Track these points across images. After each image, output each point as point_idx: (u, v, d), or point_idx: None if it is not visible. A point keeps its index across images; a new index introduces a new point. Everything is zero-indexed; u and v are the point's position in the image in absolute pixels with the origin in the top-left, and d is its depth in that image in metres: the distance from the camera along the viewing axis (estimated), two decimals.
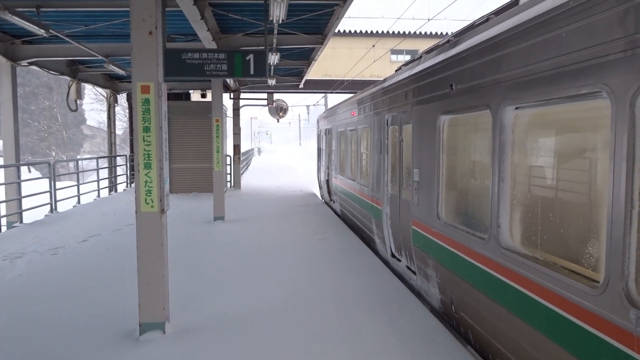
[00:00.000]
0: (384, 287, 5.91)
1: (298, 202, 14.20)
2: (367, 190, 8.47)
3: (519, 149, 3.64)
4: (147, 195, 4.50)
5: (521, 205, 3.60)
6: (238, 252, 7.86)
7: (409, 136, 6.09)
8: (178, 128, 15.55)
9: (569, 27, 2.86)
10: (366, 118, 8.60)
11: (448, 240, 4.75)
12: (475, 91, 4.15)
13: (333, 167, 12.74)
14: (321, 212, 12.30)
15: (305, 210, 12.48)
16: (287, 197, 15.30)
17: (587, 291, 2.70)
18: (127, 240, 8.58)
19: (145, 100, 4.47)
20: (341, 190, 11.47)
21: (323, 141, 14.91)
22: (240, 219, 11.14)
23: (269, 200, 14.48)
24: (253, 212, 12.12)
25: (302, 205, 13.38)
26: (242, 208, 12.81)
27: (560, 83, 2.94)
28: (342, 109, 11.36)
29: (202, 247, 8.26)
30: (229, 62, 7.36)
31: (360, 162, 9.46)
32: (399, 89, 6.53)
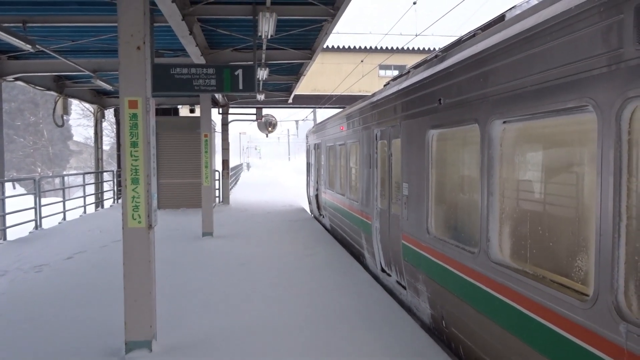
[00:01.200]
0: (374, 302, 5.88)
1: (287, 217, 14.17)
2: (357, 205, 8.46)
3: (507, 163, 3.65)
4: (135, 211, 4.45)
5: (510, 219, 3.60)
6: (227, 268, 7.79)
7: (398, 150, 6.10)
8: (166, 143, 15.52)
9: (554, 42, 2.88)
10: (355, 133, 8.62)
11: (438, 255, 4.74)
12: (463, 105, 4.16)
13: (322, 181, 12.73)
14: (310, 227, 12.27)
15: (294, 226, 12.44)
16: (276, 212, 15.27)
17: (577, 305, 2.70)
18: (114, 256, 8.47)
19: (133, 115, 4.44)
20: (330, 205, 11.44)
21: (312, 156, 14.92)
22: (229, 234, 11.07)
23: (258, 216, 14.43)
24: (242, 228, 12.06)
25: (291, 221, 13.36)
26: (231, 223, 12.74)
27: (547, 97, 2.95)
28: (331, 123, 11.40)
29: (191, 263, 8.18)
30: (217, 77, 7.37)
31: (349, 177, 9.46)
32: (387, 104, 6.56)
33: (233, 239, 10.53)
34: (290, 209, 16.28)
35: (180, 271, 7.65)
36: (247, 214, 14.82)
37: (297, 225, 12.63)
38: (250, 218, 13.93)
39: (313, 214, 15.27)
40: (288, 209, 16.27)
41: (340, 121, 10.06)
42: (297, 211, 15.78)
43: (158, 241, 9.83)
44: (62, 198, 13.32)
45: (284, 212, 15.53)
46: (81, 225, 12.62)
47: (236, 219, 13.76)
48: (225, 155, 17.94)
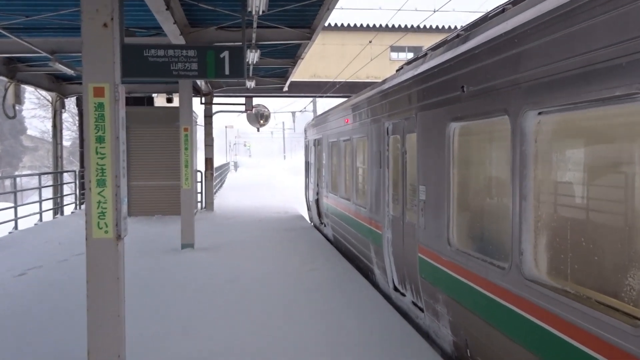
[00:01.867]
0: (386, 327, 5.89)
1: (282, 225, 14.22)
2: (365, 212, 8.49)
3: (543, 162, 3.64)
4: (101, 219, 4.45)
5: (548, 229, 3.58)
6: (210, 287, 7.81)
7: (413, 147, 6.12)
8: (139, 138, 15.59)
9: (601, 18, 2.83)
10: (362, 126, 8.66)
11: (461, 271, 4.74)
12: (490, 94, 4.17)
13: (324, 184, 12.78)
14: (310, 237, 12.31)
15: (290, 236, 12.48)
16: (270, 220, 15.31)
17: (629, 330, 2.68)
18: (75, 273, 8.47)
19: (98, 105, 4.45)
20: (333, 212, 11.48)
21: (312, 153, 14.97)
22: (213, 246, 11.11)
23: (248, 224, 14.47)
24: (229, 239, 12.09)
25: (287, 230, 13.40)
26: (215, 233, 12.79)
27: (593, 83, 2.90)
28: (334, 115, 11.44)
29: (167, 281, 8.21)
30: (199, 61, 7.38)
31: (356, 178, 9.50)
32: (400, 92, 6.58)
33: (218, 251, 10.56)
34: (286, 217, 16.31)
35: (154, 290, 7.65)
36: (234, 222, 14.88)
37: (293, 235, 12.66)
38: (239, 227, 13.97)
39: (313, 222, 15.30)
40: (283, 217, 16.30)
41: (345, 113, 10.09)
42: (293, 219, 15.83)
43: (128, 255, 9.79)
44: (13, 203, 13.31)
45: (279, 219, 15.57)
46: (37, 235, 12.62)
47: (222, 228, 13.79)
48: (209, 153, 17.99)
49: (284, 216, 16.44)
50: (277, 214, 17.05)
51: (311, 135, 15.13)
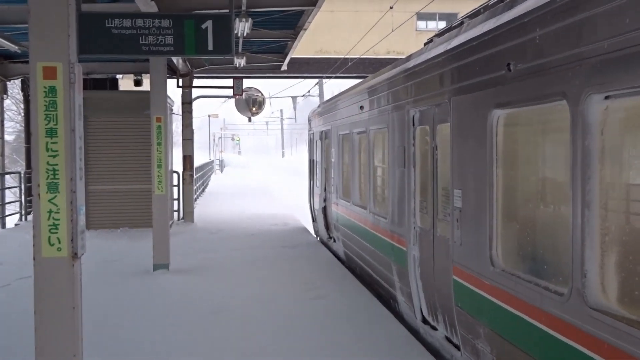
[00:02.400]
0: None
1: (281, 241, 14.29)
2: (385, 223, 8.51)
3: (612, 160, 3.64)
4: (52, 233, 4.47)
5: (618, 244, 3.58)
6: (190, 320, 7.84)
7: (446, 141, 6.13)
8: (99, 131, 15.70)
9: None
10: (381, 115, 8.69)
11: (507, 297, 4.74)
12: (543, 73, 4.19)
13: (333, 188, 12.87)
14: (315, 256, 12.37)
15: (291, 254, 12.53)
16: (265, 235, 15.38)
17: None
18: (20, 302, 8.48)
19: (49, 90, 4.47)
20: (345, 223, 11.54)
21: (317, 149, 15.08)
22: (193, 268, 11.17)
23: (238, 240, 14.55)
24: (213, 258, 12.16)
25: (286, 247, 13.46)
26: (196, 251, 12.88)
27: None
28: (345, 101, 11.51)
29: (136, 312, 8.23)
30: (175, 33, 7.41)
31: (373, 181, 9.57)
32: (429, 72, 6.59)
33: (199, 275, 10.60)
34: (286, 230, 16.38)
35: (120, 324, 7.68)
36: (220, 237, 14.94)
37: (295, 253, 12.70)
38: (226, 243, 14.03)
39: (319, 237, 15.38)
40: (282, 230, 16.37)
41: (359, 98, 10.14)
42: (295, 232, 15.89)
43: (87, 278, 9.78)
44: None
45: (276, 233, 15.64)
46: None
47: (204, 244, 13.86)
48: (188, 149, 18.13)
49: (282, 229, 16.49)
50: (275, 226, 17.10)
51: (317, 127, 15.17)
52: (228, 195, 28.17)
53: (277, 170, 69.57)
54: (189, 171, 18.05)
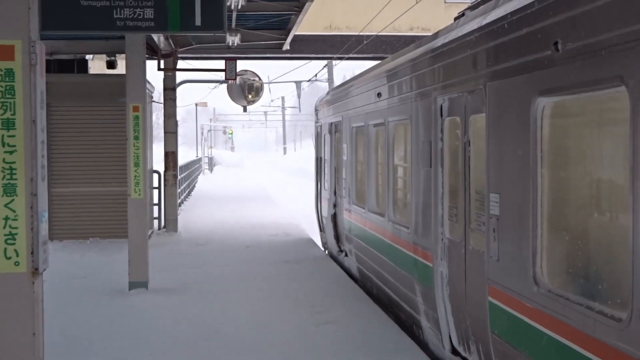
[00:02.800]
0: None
1: (282, 255, 14.30)
2: (407, 234, 8.52)
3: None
4: (9, 243, 4.47)
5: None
6: (174, 348, 7.82)
7: (481, 135, 6.13)
8: (66, 123, 15.74)
9: None
10: (403, 103, 8.70)
11: (554, 323, 4.73)
12: (597, 53, 4.17)
13: (344, 191, 12.90)
14: (323, 272, 12.39)
15: (294, 271, 12.56)
16: (263, 248, 15.40)
17: None
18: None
19: (6, 73, 4.47)
20: (359, 234, 11.56)
21: (326, 145, 15.15)
22: (176, 286, 11.19)
23: (230, 253, 14.58)
24: (200, 275, 12.18)
25: (289, 262, 13.49)
26: (180, 267, 12.90)
27: None
28: (359, 87, 11.54)
29: (108, 339, 8.22)
30: (156, 5, 7.41)
31: (393, 183, 9.60)
32: (460, 52, 6.59)
33: (184, 294, 10.61)
34: (288, 241, 16.40)
35: (89, 353, 7.64)
36: (209, 250, 14.96)
37: (299, 269, 12.73)
38: (216, 257, 14.05)
39: (328, 250, 15.41)
40: (283, 241, 16.37)
41: (377, 83, 10.15)
42: (299, 244, 15.92)
43: (50, 298, 9.81)
44: None
45: (277, 245, 15.65)
46: None
47: (190, 258, 13.88)
48: (171, 145, 18.20)
49: (284, 240, 16.50)
50: (274, 236, 17.13)
51: (325, 118, 15.18)
52: (219, 199, 28.25)
53: (278, 170, 69.64)
54: (172, 171, 18.08)
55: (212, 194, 31.03)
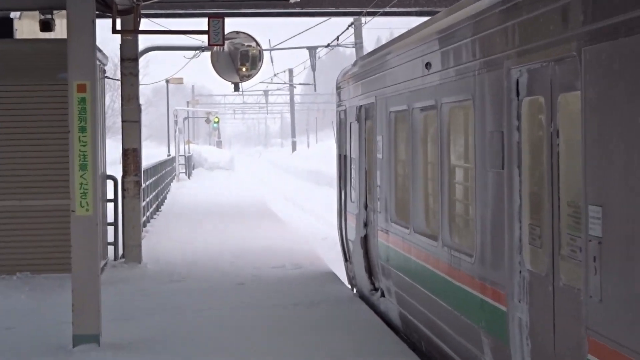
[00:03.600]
0: None
1: (291, 295, 14.41)
2: (469, 264, 8.53)
3: None
4: None
5: None
6: None
7: (575, 122, 6.13)
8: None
9: None
10: (462, 78, 8.74)
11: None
12: None
13: (380, 203, 12.98)
14: (350, 320, 12.44)
15: (309, 319, 12.64)
16: (262, 284, 15.54)
17: None
18: None
19: None
20: (401, 264, 11.65)
21: (353, 138, 15.28)
22: (139, 341, 11.22)
23: (215, 293, 14.71)
24: (173, 325, 12.24)
25: (300, 305, 13.57)
26: (144, 313, 12.95)
27: None
28: (400, 55, 11.63)
29: None
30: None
31: (448, 192, 9.66)
32: (543, 4, 6.60)
33: (150, 353, 10.64)
34: (299, 275, 16.53)
35: None
36: (185, 289, 15.09)
37: (315, 316, 12.81)
38: (195, 299, 14.17)
39: (356, 287, 15.50)
40: (293, 275, 16.51)
41: (424, 49, 10.20)
42: (314, 279, 16.03)
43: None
44: None
45: (283, 282, 15.76)
46: None
47: (158, 300, 13.99)
48: (133, 139, 18.36)
49: (294, 275, 16.59)
50: (280, 269, 17.24)
51: (352, 99, 15.22)
52: (200, 216, 28.46)
53: (284, 174, 69.88)
54: (134, 176, 18.15)
55: (190, 209, 31.10)
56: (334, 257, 18.26)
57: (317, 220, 31.58)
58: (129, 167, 18.09)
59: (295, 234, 23.55)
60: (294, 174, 66.32)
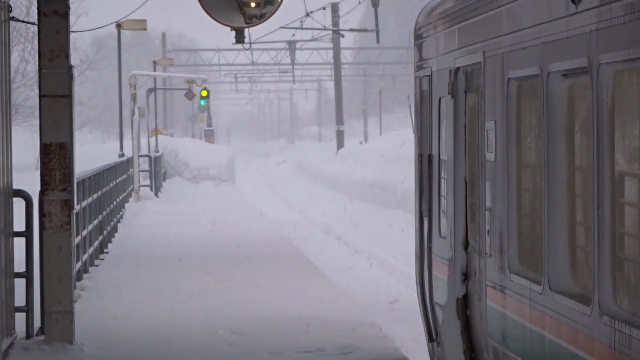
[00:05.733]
0: None
1: None
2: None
3: None
4: None
5: None
6: None
7: None
8: None
9: None
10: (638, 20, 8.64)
11: None
12: None
13: (489, 242, 13.20)
14: None
15: None
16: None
17: None
18: None
19: None
20: (530, 346, 11.73)
21: (442, 126, 15.61)
22: None
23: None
24: None
25: None
26: None
27: None
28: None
29: None
30: None
31: (613, 219, 9.59)
32: None
33: None
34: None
35: None
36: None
37: None
38: None
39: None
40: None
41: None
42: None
43: None
44: None
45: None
46: None
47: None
48: (59, 129, 18.50)
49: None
50: (317, 355, 17.44)
51: (441, 57, 15.33)
52: (173, 264, 29.29)
53: (324, 190, 70.22)
54: (62, 191, 18.26)
55: (157, 251, 31.44)
56: (410, 333, 18.30)
57: (381, 270, 31.75)
58: (52, 177, 18.23)
59: (342, 295, 23.69)
60: (340, 189, 66.68)
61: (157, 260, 29.32)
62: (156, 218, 42.95)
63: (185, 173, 69.78)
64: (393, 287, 25.24)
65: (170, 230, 37.53)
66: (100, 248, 30.23)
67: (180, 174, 69.07)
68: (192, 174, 69.61)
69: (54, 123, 18.40)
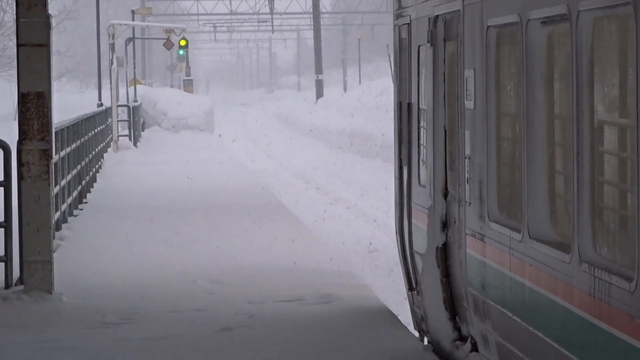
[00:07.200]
0: None
1: (314, 350, 14.69)
2: (626, 295, 8.47)
3: None
4: None
5: None
6: None
7: None
8: None
9: None
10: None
11: None
12: None
13: (468, 190, 13.19)
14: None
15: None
16: (265, 331, 15.80)
17: None
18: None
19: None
20: (508, 296, 11.79)
21: (421, 75, 15.49)
22: None
23: (180, 347, 14.96)
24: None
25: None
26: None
27: None
28: None
29: None
30: None
31: (591, 167, 9.63)
32: None
33: None
34: (327, 315, 16.87)
35: None
36: (126, 339, 15.38)
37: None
38: (148, 356, 14.52)
39: (429, 334, 15.75)
40: (316, 315, 16.89)
41: None
42: (355, 322, 16.33)
43: None
44: None
45: (300, 327, 16.08)
46: None
47: (82, 356, 14.30)
48: (37, 79, 18.34)
49: (319, 313, 16.96)
50: (296, 304, 17.49)
51: (420, 4, 15.27)
52: (152, 212, 29.43)
53: (303, 140, 70.13)
54: (40, 141, 18.24)
55: (136, 200, 31.37)
56: (390, 283, 18.30)
57: (360, 219, 31.75)
58: (30, 126, 18.21)
59: (322, 244, 23.68)
60: (320, 138, 66.73)
61: (136, 210, 29.33)
62: (135, 168, 42.91)
63: (164, 123, 69.64)
64: (373, 236, 25.17)
65: (149, 180, 37.50)
66: (79, 198, 30.23)
67: (159, 123, 68.96)
68: (170, 124, 69.47)
69: (31, 72, 18.39)
